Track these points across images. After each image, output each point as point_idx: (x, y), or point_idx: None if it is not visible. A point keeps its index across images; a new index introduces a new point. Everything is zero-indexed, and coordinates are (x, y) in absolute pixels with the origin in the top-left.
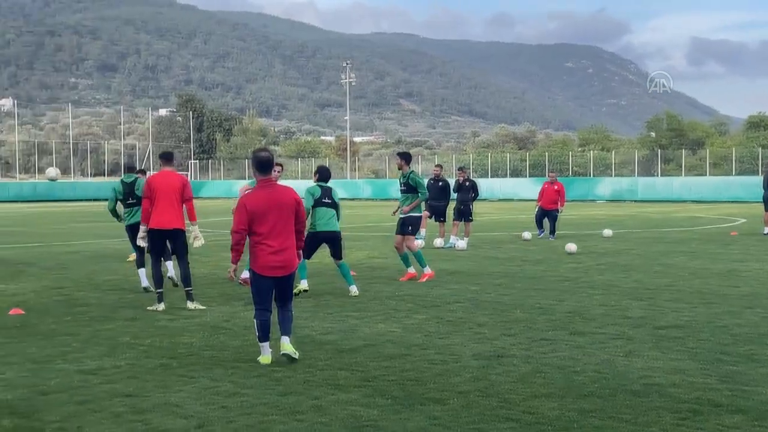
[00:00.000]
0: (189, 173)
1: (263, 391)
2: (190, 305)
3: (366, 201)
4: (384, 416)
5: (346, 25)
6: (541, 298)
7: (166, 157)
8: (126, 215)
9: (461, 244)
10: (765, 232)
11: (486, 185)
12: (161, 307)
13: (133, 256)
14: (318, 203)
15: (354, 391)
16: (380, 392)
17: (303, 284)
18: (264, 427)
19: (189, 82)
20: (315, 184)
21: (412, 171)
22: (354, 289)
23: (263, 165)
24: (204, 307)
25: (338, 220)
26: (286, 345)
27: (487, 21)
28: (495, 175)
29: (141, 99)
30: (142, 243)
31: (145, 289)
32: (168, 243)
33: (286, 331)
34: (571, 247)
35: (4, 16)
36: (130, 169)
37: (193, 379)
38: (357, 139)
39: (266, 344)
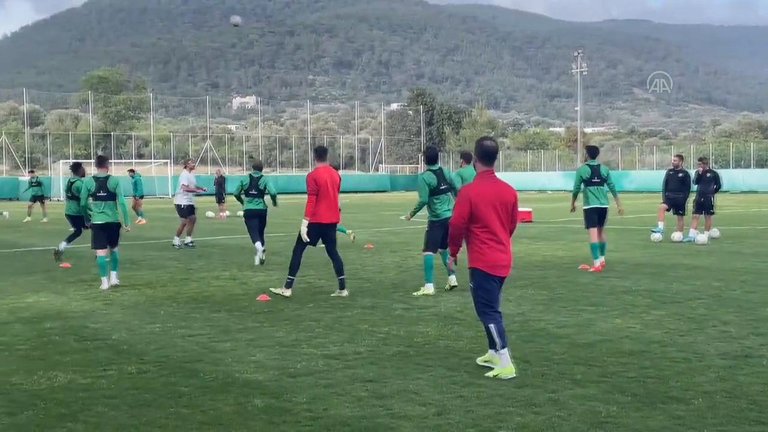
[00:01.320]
0: (419, 166)
1: (499, 382)
2: (343, 293)
3: None
4: (624, 413)
5: (576, 13)
6: None
7: (322, 153)
8: (247, 202)
9: (702, 238)
10: None
11: (727, 176)
12: (288, 293)
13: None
14: (435, 192)
15: (592, 387)
16: (619, 389)
17: (452, 279)
18: (501, 418)
19: (420, 76)
20: (428, 170)
21: (586, 163)
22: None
23: (489, 154)
24: (346, 294)
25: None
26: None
27: (727, 4)
28: (737, 165)
29: (374, 94)
30: (306, 237)
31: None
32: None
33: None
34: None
35: (248, 18)
36: (257, 167)
37: (429, 367)
38: (588, 130)
39: (507, 351)
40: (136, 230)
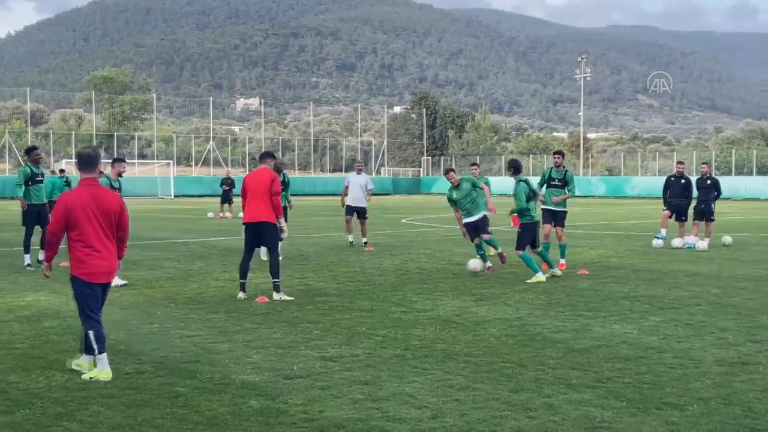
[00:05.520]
0: (421, 169)
1: (495, 386)
2: (276, 296)
3: (600, 199)
4: (619, 419)
5: (576, 18)
6: None
7: (261, 156)
8: None
9: (702, 244)
10: None
11: (729, 183)
12: (242, 295)
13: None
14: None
15: (587, 392)
16: (615, 394)
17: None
18: (496, 422)
19: (423, 79)
20: (520, 180)
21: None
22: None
23: (85, 161)
24: (291, 298)
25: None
26: (85, 363)
27: (727, 10)
28: (740, 173)
29: (377, 97)
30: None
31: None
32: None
33: (92, 349)
34: (475, 265)
35: (252, 20)
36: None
37: (426, 370)
38: (591, 135)
39: (105, 357)
40: (136, 231)
